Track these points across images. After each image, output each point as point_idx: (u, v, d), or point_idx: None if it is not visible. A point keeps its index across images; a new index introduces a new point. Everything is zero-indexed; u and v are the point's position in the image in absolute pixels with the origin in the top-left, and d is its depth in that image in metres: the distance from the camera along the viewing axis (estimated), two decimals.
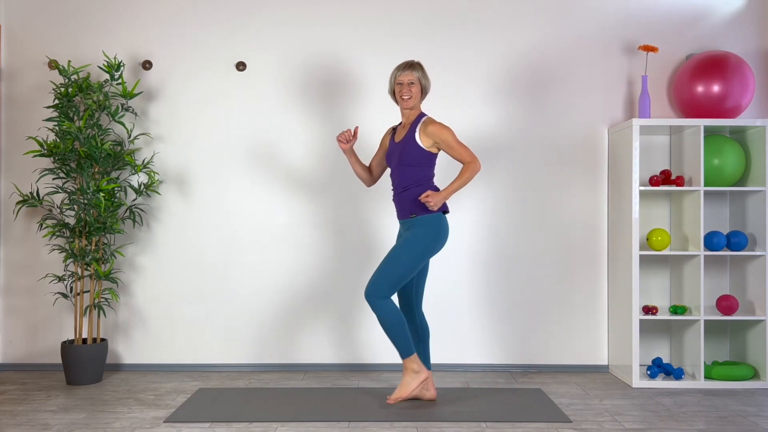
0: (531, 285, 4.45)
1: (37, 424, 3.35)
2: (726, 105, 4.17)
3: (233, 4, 4.47)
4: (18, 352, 4.46)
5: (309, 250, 4.46)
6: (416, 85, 3.61)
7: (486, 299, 4.45)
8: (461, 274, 4.45)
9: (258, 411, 3.53)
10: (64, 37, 4.47)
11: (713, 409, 3.62)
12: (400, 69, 3.62)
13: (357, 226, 4.45)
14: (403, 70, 3.61)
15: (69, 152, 4.05)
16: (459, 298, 4.44)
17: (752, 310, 4.19)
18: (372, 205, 4.44)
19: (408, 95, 3.59)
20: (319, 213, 4.45)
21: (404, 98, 3.60)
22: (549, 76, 4.47)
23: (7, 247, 4.46)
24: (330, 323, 4.45)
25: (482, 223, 4.45)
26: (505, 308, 4.45)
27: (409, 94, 3.59)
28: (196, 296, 4.45)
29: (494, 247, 4.45)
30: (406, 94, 3.59)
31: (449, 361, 4.44)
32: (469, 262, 4.45)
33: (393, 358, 4.43)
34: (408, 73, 3.59)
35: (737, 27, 4.47)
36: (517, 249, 4.45)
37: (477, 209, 4.45)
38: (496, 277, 4.45)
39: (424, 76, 3.65)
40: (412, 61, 3.66)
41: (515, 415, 3.45)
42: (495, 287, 4.45)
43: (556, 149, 4.46)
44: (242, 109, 4.46)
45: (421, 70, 3.64)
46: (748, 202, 4.28)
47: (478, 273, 4.45)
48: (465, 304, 4.45)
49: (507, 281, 4.45)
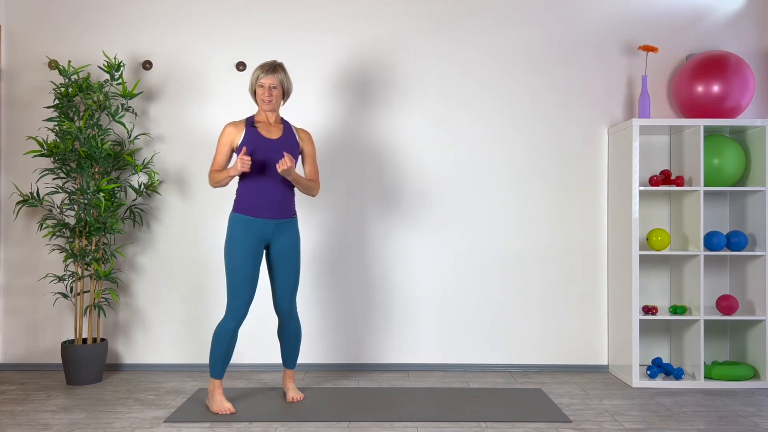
0: (531, 285, 4.45)
1: (37, 424, 3.35)
2: (726, 105, 4.17)
3: (233, 4, 4.47)
4: (18, 352, 4.46)
5: (308, 250, 4.46)
6: (278, 89, 3.55)
7: (486, 299, 4.45)
8: (461, 274, 4.45)
9: (258, 411, 3.53)
10: (64, 37, 4.47)
11: (713, 409, 3.62)
12: (264, 71, 3.52)
13: (356, 225, 4.45)
14: (267, 73, 3.51)
15: (69, 152, 4.05)
16: (459, 298, 4.45)
17: (752, 310, 4.19)
18: (371, 205, 4.44)
19: (270, 98, 3.52)
20: (318, 213, 4.45)
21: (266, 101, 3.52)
22: (549, 75, 4.47)
23: (7, 247, 4.46)
24: (330, 323, 4.45)
25: (482, 223, 4.45)
26: (505, 308, 4.45)
27: (271, 97, 3.53)
28: (196, 296, 4.45)
29: (494, 247, 4.45)
30: (269, 97, 3.52)
31: (449, 361, 4.44)
32: (468, 262, 4.45)
33: (393, 358, 4.43)
34: (271, 76, 3.52)
35: (737, 27, 4.47)
36: (517, 249, 4.46)
37: (476, 209, 4.45)
38: (496, 276, 4.45)
39: (286, 79, 3.58)
40: (275, 62, 3.55)
41: (515, 415, 3.45)
42: (495, 287, 4.45)
43: (556, 149, 4.46)
44: (242, 109, 4.46)
45: (284, 72, 3.57)
46: (748, 202, 4.28)
47: (478, 273, 4.45)
48: (465, 304, 4.45)
49: (507, 281, 4.45)
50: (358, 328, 4.45)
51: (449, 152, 4.45)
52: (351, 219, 4.45)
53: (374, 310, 4.45)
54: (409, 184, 4.45)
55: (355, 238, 4.45)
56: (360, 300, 4.44)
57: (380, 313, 4.45)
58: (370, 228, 4.46)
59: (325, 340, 4.45)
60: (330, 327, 4.46)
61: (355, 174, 4.44)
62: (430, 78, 4.45)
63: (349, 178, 4.44)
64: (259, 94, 3.54)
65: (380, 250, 4.44)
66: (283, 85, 3.57)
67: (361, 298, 4.44)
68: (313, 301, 4.46)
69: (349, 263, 4.45)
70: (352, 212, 4.46)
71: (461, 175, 4.45)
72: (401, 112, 4.45)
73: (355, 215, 4.45)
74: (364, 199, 4.44)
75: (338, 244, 4.45)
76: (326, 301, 4.46)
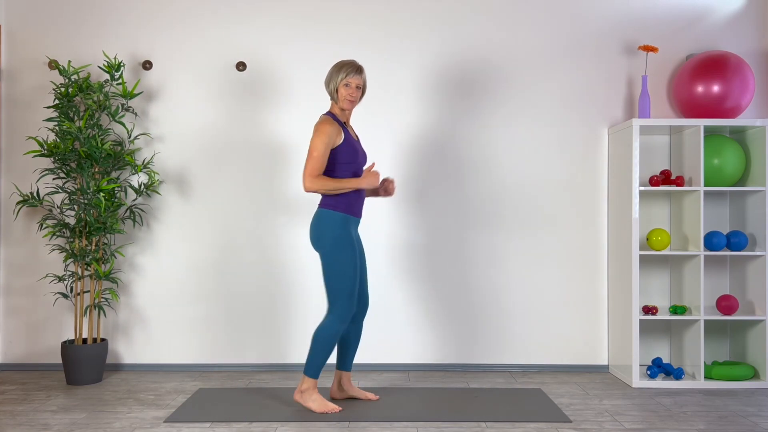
0: (531, 285, 4.45)
1: (37, 424, 3.35)
2: (726, 105, 4.17)
3: (233, 4, 4.47)
4: (18, 352, 4.46)
5: (308, 250, 4.45)
6: (361, 89, 3.57)
7: (486, 299, 4.45)
8: (460, 274, 4.45)
9: (258, 411, 3.53)
10: (64, 37, 4.47)
11: (713, 409, 3.62)
12: (352, 71, 3.53)
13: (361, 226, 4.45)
14: (355, 73, 3.53)
15: (69, 152, 4.05)
16: (459, 298, 4.44)
17: (752, 310, 4.19)
18: (371, 205, 4.44)
19: (355, 98, 3.54)
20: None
21: (351, 100, 3.54)
22: (549, 75, 4.47)
23: (7, 247, 4.46)
24: None
25: (481, 223, 4.45)
26: (505, 308, 4.45)
27: (356, 97, 3.54)
28: (196, 296, 4.45)
29: (494, 247, 4.45)
30: (354, 97, 3.54)
31: (449, 361, 4.44)
32: (467, 262, 4.45)
33: (393, 358, 4.43)
34: (358, 76, 3.53)
35: (737, 27, 4.47)
36: (517, 249, 4.45)
37: (476, 209, 4.45)
38: (496, 277, 4.45)
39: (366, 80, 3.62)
40: (358, 63, 3.57)
41: (515, 415, 3.45)
42: (495, 287, 4.45)
43: (556, 149, 4.46)
44: (242, 109, 4.47)
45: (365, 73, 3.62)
46: (748, 202, 4.28)
47: (478, 273, 4.45)
48: (464, 304, 4.44)
49: (507, 281, 4.45)
50: None
51: (449, 152, 4.45)
52: None
53: (374, 309, 4.45)
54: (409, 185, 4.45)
55: None
56: None
57: (380, 312, 4.45)
58: (369, 228, 4.45)
59: None
60: None
61: None
62: (429, 77, 4.45)
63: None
64: (345, 93, 3.52)
65: (380, 249, 4.44)
66: (365, 86, 3.61)
67: None
68: (313, 300, 4.46)
69: None
70: None
71: (461, 175, 4.45)
72: (400, 112, 4.45)
73: None
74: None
75: None
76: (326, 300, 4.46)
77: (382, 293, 4.44)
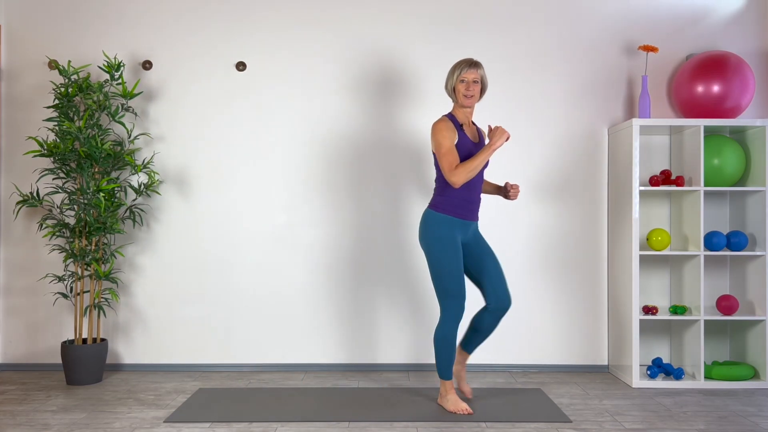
0: (531, 285, 4.45)
1: (37, 424, 3.35)
2: (726, 105, 4.17)
3: (234, 5, 4.47)
4: (18, 352, 4.46)
5: (308, 250, 4.46)
6: (479, 84, 3.54)
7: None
8: None
9: (258, 411, 3.53)
10: (64, 37, 4.47)
11: (713, 409, 3.62)
12: (466, 66, 3.52)
13: (356, 226, 4.45)
14: (469, 68, 3.51)
15: (69, 152, 4.05)
16: None
17: (752, 310, 4.19)
18: (371, 205, 4.44)
19: (472, 92, 3.52)
20: (319, 213, 4.45)
21: (468, 95, 3.52)
22: (549, 75, 4.47)
23: (7, 247, 4.46)
24: (330, 323, 4.45)
25: (480, 223, 4.45)
26: None
27: (473, 91, 3.52)
28: (196, 296, 4.45)
29: (493, 247, 4.45)
30: (471, 91, 3.52)
31: None
32: None
33: (393, 358, 4.43)
34: (473, 71, 3.51)
35: (737, 27, 4.47)
36: (517, 249, 4.46)
37: None
38: None
39: (485, 75, 3.58)
40: (474, 59, 3.57)
41: (515, 415, 3.45)
42: None
43: (556, 149, 4.46)
44: (242, 109, 4.47)
45: (483, 68, 3.56)
46: (748, 202, 4.28)
47: None
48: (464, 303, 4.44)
49: (506, 281, 4.44)
50: (357, 328, 4.45)
51: None
52: (342, 217, 4.45)
53: (374, 309, 4.45)
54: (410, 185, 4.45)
55: (354, 236, 4.45)
56: (360, 299, 4.44)
57: (380, 312, 4.45)
58: (369, 228, 4.46)
59: (326, 340, 4.45)
60: (330, 327, 4.46)
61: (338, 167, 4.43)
62: (430, 77, 4.46)
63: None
64: (461, 89, 3.51)
65: (380, 249, 4.44)
66: (483, 81, 3.57)
67: (361, 297, 4.44)
68: (313, 300, 4.46)
69: (349, 263, 4.45)
70: (351, 213, 4.46)
71: None
72: (401, 111, 4.45)
73: (353, 213, 4.45)
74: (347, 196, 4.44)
75: (338, 244, 4.45)
76: (326, 300, 4.46)
77: (382, 293, 4.44)
